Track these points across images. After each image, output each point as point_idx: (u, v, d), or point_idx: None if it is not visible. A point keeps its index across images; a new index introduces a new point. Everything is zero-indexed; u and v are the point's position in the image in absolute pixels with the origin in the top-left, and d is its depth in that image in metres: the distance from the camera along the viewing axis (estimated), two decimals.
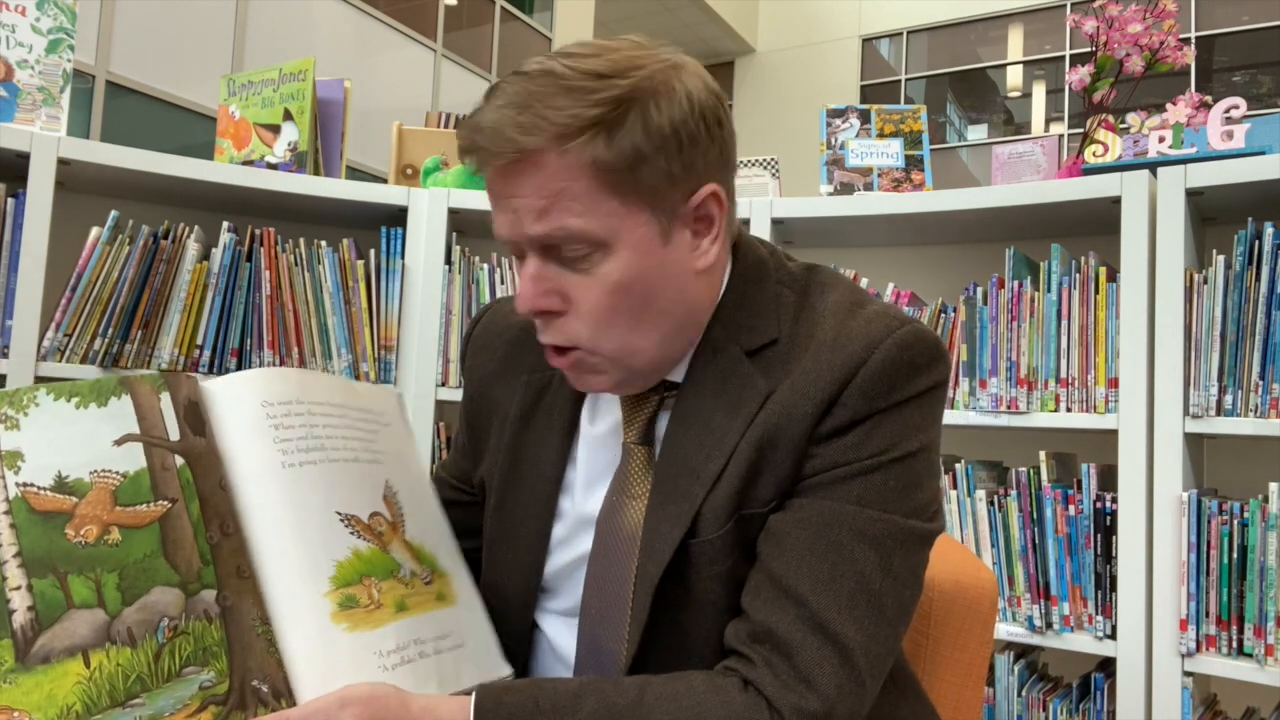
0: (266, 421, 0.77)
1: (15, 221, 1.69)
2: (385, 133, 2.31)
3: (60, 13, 1.79)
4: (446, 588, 0.84)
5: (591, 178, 0.76)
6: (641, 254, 0.79)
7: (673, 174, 0.79)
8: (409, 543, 0.82)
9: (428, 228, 1.96)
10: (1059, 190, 1.73)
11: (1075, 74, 2.02)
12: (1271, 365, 1.50)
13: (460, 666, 0.80)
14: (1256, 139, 1.71)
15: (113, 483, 0.69)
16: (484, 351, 1.02)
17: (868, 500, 0.79)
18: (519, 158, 0.76)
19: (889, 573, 0.78)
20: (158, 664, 0.66)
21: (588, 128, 0.75)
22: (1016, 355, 1.73)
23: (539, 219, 0.77)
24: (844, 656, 0.75)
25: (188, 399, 0.75)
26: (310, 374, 0.85)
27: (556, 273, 0.80)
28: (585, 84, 0.76)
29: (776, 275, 0.89)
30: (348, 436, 0.82)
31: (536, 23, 10.00)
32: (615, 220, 0.78)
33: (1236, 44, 9.70)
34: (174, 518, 0.70)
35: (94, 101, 6.10)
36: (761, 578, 0.80)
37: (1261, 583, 1.48)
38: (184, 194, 1.96)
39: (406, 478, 0.87)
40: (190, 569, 0.70)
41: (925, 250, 2.13)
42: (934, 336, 0.83)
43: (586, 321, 0.80)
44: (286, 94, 2.03)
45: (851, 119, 2.08)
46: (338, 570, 0.75)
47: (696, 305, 0.85)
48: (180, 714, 0.66)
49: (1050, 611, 1.66)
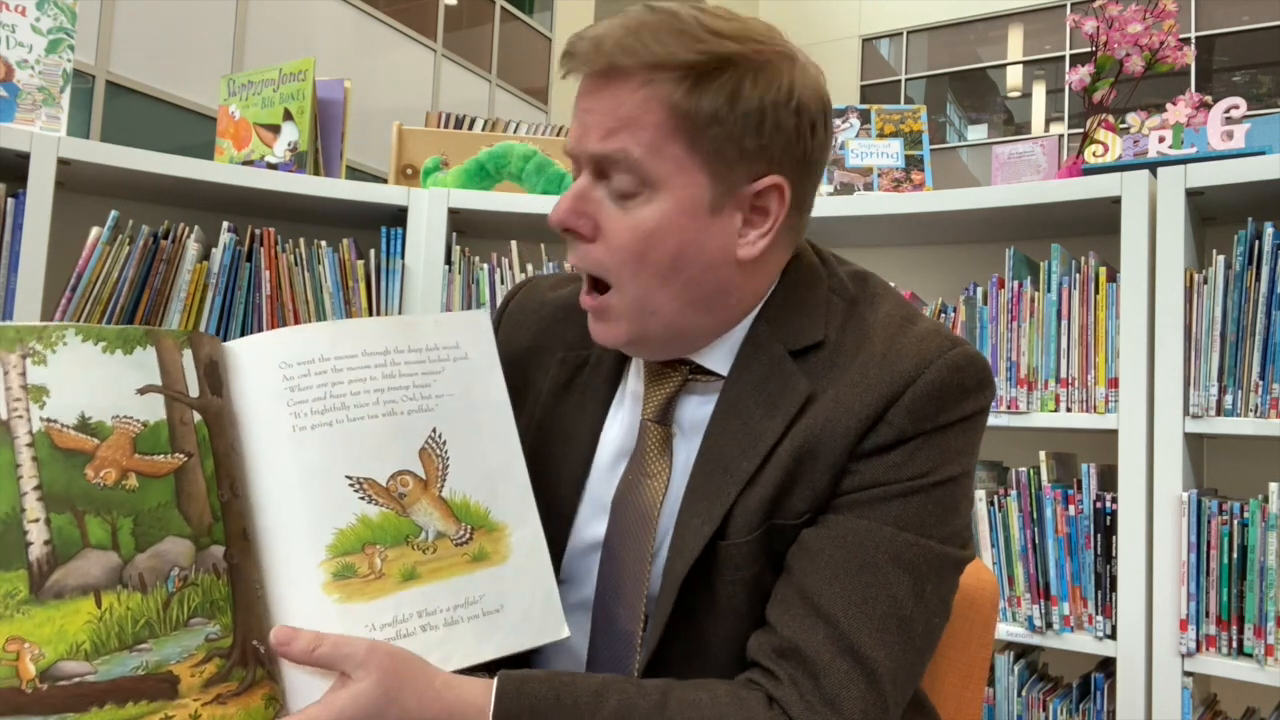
0: (283, 384, 0.77)
1: (15, 221, 1.68)
2: (385, 133, 2.31)
3: (60, 13, 1.79)
4: (495, 544, 0.80)
5: (664, 117, 0.77)
6: (683, 211, 0.79)
7: (743, 149, 0.79)
8: (446, 499, 0.80)
9: (428, 228, 1.96)
10: (1059, 190, 1.73)
11: (1075, 74, 2.02)
12: (1271, 365, 1.50)
13: (486, 635, 0.78)
14: (1256, 139, 1.71)
15: (133, 430, 0.70)
16: (517, 329, 1.00)
17: (905, 523, 0.78)
18: (609, 70, 0.77)
19: (921, 599, 0.77)
20: (166, 612, 0.67)
21: (679, 68, 0.76)
22: (1016, 355, 1.73)
23: (605, 137, 0.78)
24: (871, 681, 0.74)
25: (209, 357, 0.75)
26: (349, 324, 0.83)
27: (600, 198, 0.81)
28: (698, 33, 0.77)
29: (829, 282, 0.88)
30: (386, 388, 0.80)
31: (536, 23, 10.00)
32: (672, 166, 0.78)
33: (1236, 44, 9.70)
34: (189, 471, 0.71)
35: (94, 101, 6.11)
36: (791, 593, 0.79)
37: (1261, 583, 1.48)
38: (184, 194, 1.96)
39: (468, 420, 0.83)
40: (202, 523, 0.70)
41: (925, 250, 2.13)
42: (984, 360, 0.83)
43: (610, 255, 0.81)
44: (286, 94, 2.03)
45: (851, 119, 2.08)
46: (337, 538, 0.74)
47: (730, 291, 0.84)
48: (186, 663, 0.67)
49: (1050, 611, 1.66)
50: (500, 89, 9.53)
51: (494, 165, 2.08)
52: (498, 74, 9.51)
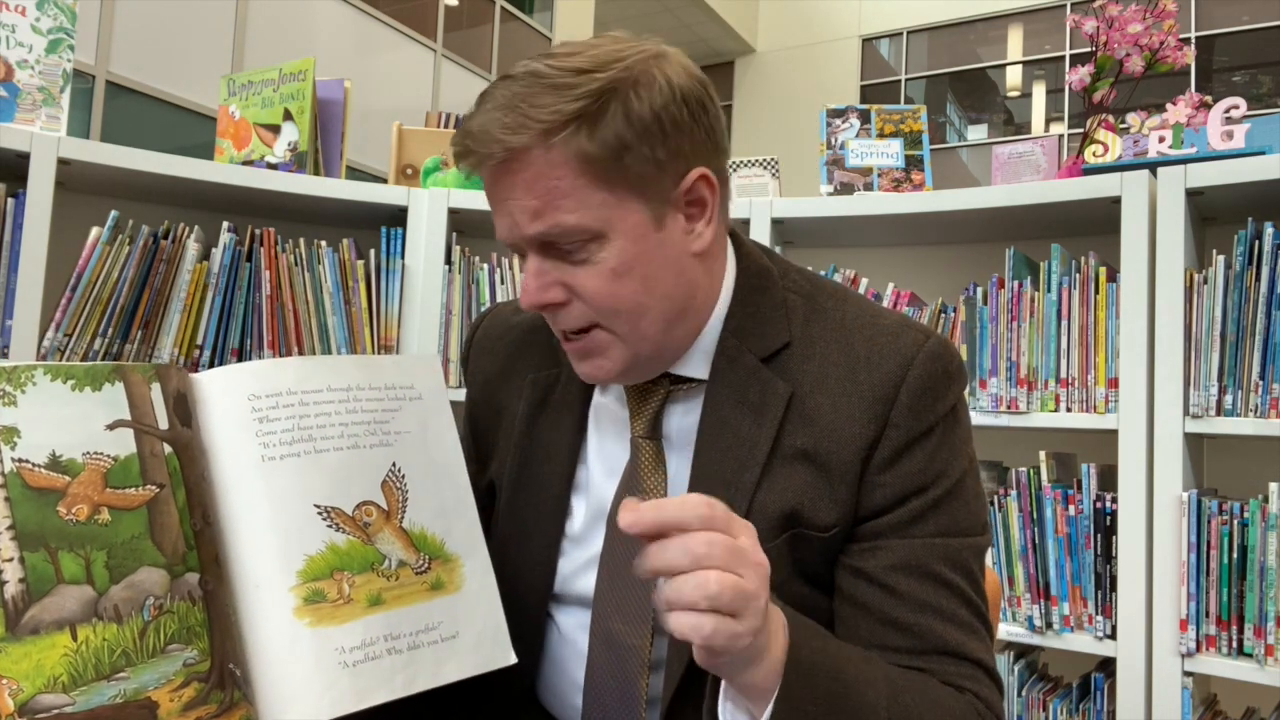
0: (251, 415, 0.78)
1: (15, 221, 1.68)
2: (385, 133, 2.31)
3: (60, 13, 1.79)
4: (449, 574, 0.83)
5: (579, 172, 0.77)
6: (636, 240, 0.80)
7: (659, 160, 0.79)
8: (406, 530, 0.82)
9: (428, 228, 1.96)
10: (1059, 190, 1.73)
11: (1075, 74, 2.02)
12: (1271, 365, 1.50)
13: (444, 659, 0.80)
14: (1256, 139, 1.71)
15: (104, 465, 0.71)
16: (485, 355, 1.02)
17: (948, 529, 0.82)
18: (508, 157, 0.77)
19: (980, 591, 0.84)
20: (143, 640, 0.68)
21: (570, 121, 0.76)
22: (1016, 355, 1.73)
23: (534, 219, 0.79)
24: (991, 677, 0.81)
25: (177, 390, 0.77)
26: (315, 361, 0.85)
27: (556, 267, 0.81)
28: (567, 80, 0.77)
29: (782, 282, 0.90)
30: (350, 423, 0.82)
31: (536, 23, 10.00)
32: (607, 211, 0.79)
33: (1236, 44, 9.70)
34: (161, 502, 0.72)
35: (94, 101, 6.11)
36: (887, 630, 0.81)
37: (1261, 583, 1.48)
38: (184, 194, 1.96)
39: (423, 456, 0.86)
40: (176, 552, 0.71)
41: (925, 250, 2.13)
42: (953, 344, 0.87)
43: (593, 307, 0.82)
44: (286, 94, 2.03)
45: (851, 119, 2.08)
46: (307, 564, 0.76)
47: (696, 289, 0.85)
48: (165, 688, 0.68)
49: (1050, 611, 1.66)
50: None
51: None
52: (498, 74, 9.49)
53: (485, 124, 0.78)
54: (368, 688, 0.75)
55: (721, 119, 0.86)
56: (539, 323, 0.97)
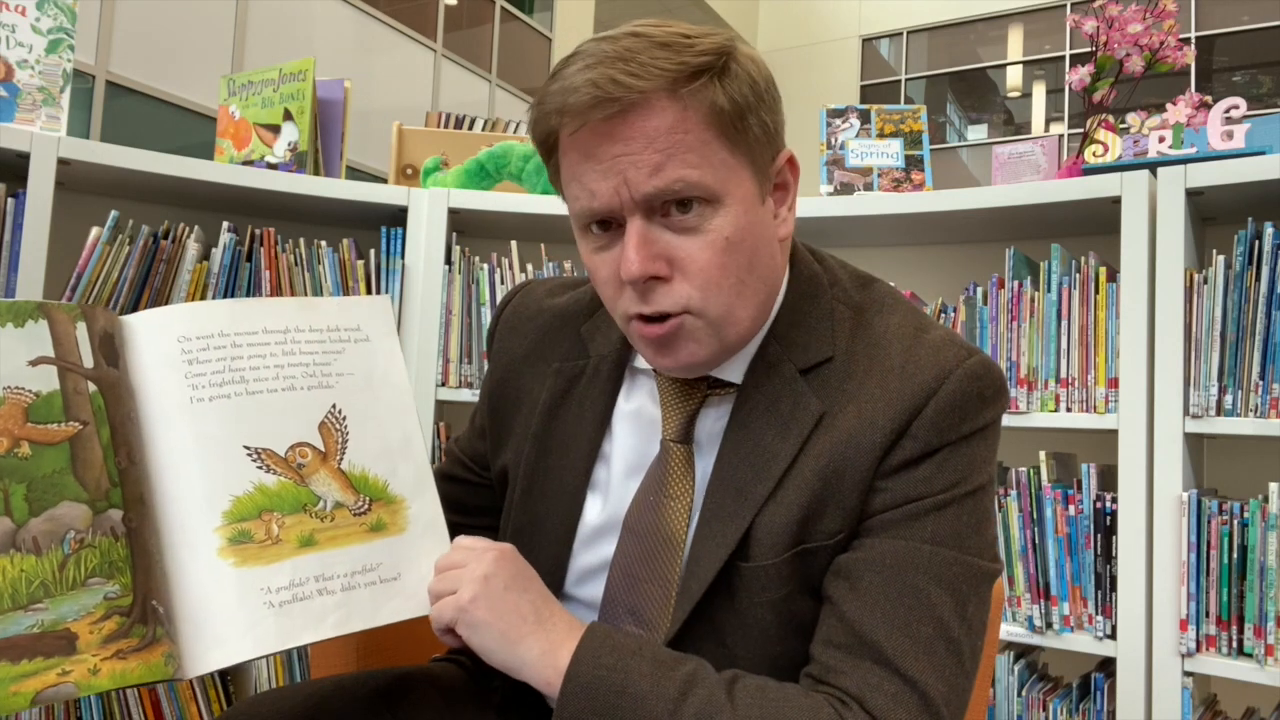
0: (180, 357, 0.78)
1: (15, 221, 1.68)
2: (385, 133, 2.31)
3: (60, 13, 1.79)
4: (393, 516, 0.83)
5: (707, 126, 0.74)
6: (748, 210, 0.78)
7: (768, 130, 0.78)
8: (345, 472, 0.82)
9: (428, 228, 1.96)
10: (1059, 190, 1.73)
11: (1075, 74, 2.02)
12: (1271, 365, 1.50)
13: (383, 601, 0.79)
14: (1256, 139, 1.71)
15: (25, 400, 0.71)
16: (513, 335, 0.98)
17: (941, 538, 0.77)
18: (629, 106, 0.73)
19: (965, 620, 0.76)
20: (62, 573, 0.68)
21: (703, 72, 0.74)
22: (1016, 355, 1.73)
23: (654, 173, 0.74)
24: (925, 704, 0.72)
25: (104, 330, 0.77)
26: (251, 303, 0.85)
27: (661, 235, 0.76)
28: (679, 40, 0.75)
29: (832, 291, 0.87)
30: (286, 364, 0.82)
31: (536, 23, 9.99)
32: (726, 172, 0.76)
33: (1236, 44, 9.70)
34: (85, 439, 0.72)
35: (94, 101, 6.11)
36: (834, 622, 0.77)
37: (1261, 583, 1.48)
38: (184, 194, 1.96)
39: (368, 398, 0.85)
40: (99, 488, 0.71)
41: (925, 250, 2.13)
42: (999, 368, 0.82)
43: (697, 283, 0.77)
44: (286, 94, 2.03)
45: (851, 119, 2.08)
46: (234, 505, 0.76)
47: (776, 278, 0.84)
48: (84, 620, 0.68)
49: (1050, 611, 1.66)
50: (500, 89, 9.53)
51: (494, 165, 2.08)
52: (498, 74, 9.51)
53: (596, 77, 0.72)
54: (294, 628, 0.75)
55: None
56: (571, 309, 0.95)
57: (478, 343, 1.97)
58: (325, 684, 0.94)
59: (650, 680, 0.73)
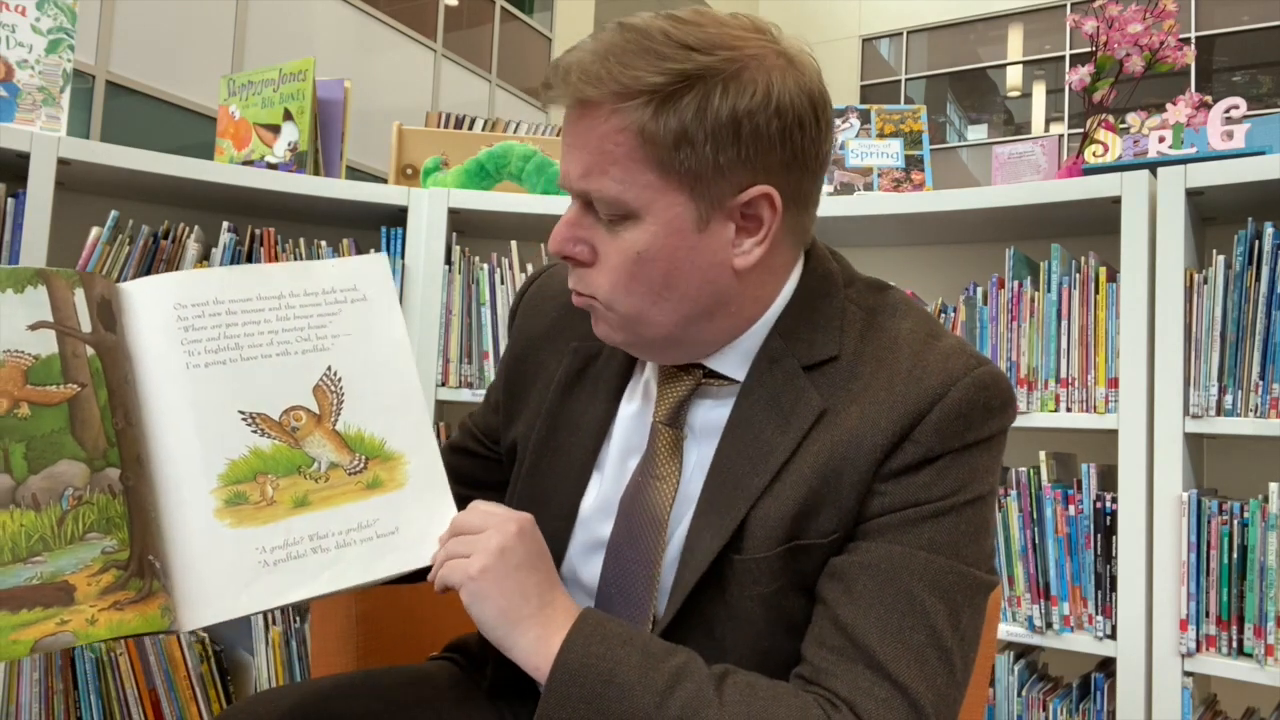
0: (176, 324, 0.80)
1: (15, 221, 1.68)
2: (385, 133, 2.31)
3: (60, 13, 1.79)
4: (390, 472, 0.84)
5: (634, 144, 0.75)
6: (670, 233, 0.78)
7: (720, 163, 0.76)
8: (340, 432, 0.83)
9: (428, 228, 1.96)
10: (1059, 190, 1.73)
11: (1075, 74, 2.02)
12: (1271, 365, 1.50)
13: (379, 555, 0.81)
14: (1256, 139, 1.71)
15: (25, 363, 0.73)
16: (534, 313, 1.00)
17: (938, 546, 0.77)
18: (584, 104, 0.77)
19: (958, 629, 0.76)
20: (61, 527, 0.70)
21: (643, 93, 0.74)
22: (1016, 355, 1.73)
23: (582, 174, 0.78)
24: (914, 710, 0.73)
25: (101, 296, 0.78)
26: (245, 270, 0.86)
27: (592, 224, 0.80)
28: (666, 50, 0.75)
29: (845, 291, 0.87)
30: (280, 330, 0.84)
31: (536, 23, 10.00)
32: (650, 193, 0.77)
33: (1236, 44, 9.71)
34: (83, 400, 0.74)
35: (94, 101, 6.11)
36: (826, 625, 0.77)
37: (1261, 583, 1.48)
38: (184, 194, 1.96)
39: (365, 356, 0.86)
40: (97, 448, 0.73)
41: (925, 250, 2.13)
42: (1008, 379, 0.82)
43: (606, 278, 0.80)
44: (286, 94, 2.03)
45: (851, 119, 2.08)
46: (229, 468, 0.78)
47: (730, 300, 0.82)
48: (82, 573, 0.69)
49: (1050, 611, 1.66)
50: (500, 89, 9.53)
51: (494, 165, 2.08)
52: (498, 74, 9.51)
53: (574, 62, 0.77)
54: (288, 584, 0.77)
55: (824, 142, 0.82)
56: None
57: (478, 343, 1.97)
58: (325, 684, 0.94)
59: (639, 671, 0.73)
